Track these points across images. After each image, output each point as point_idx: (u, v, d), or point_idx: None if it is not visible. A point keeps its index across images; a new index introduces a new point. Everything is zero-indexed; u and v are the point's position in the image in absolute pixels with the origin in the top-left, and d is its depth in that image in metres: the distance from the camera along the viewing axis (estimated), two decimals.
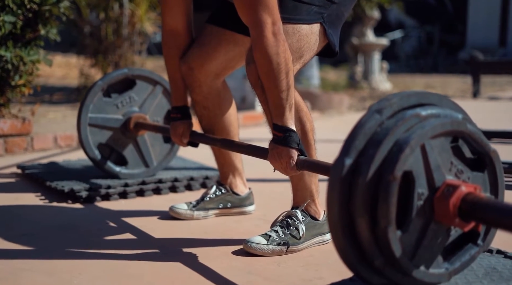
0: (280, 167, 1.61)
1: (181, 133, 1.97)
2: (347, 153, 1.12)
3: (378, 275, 1.15)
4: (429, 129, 1.12)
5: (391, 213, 1.08)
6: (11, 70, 2.84)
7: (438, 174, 1.15)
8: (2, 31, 2.74)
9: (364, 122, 1.13)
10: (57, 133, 3.18)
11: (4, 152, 2.95)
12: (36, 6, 2.90)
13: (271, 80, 1.56)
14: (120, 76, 2.37)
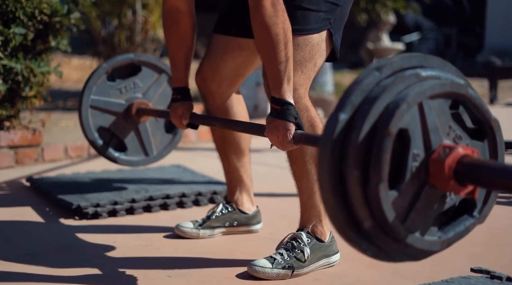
0: (277, 141, 1.58)
1: (181, 115, 1.94)
2: (342, 108, 1.07)
3: (367, 240, 1.10)
4: (428, 88, 1.08)
5: (383, 170, 1.03)
6: (21, 82, 2.85)
7: (435, 136, 1.10)
8: (12, 43, 2.75)
9: (362, 78, 1.09)
10: (67, 144, 3.19)
11: (15, 163, 2.96)
12: (47, 17, 2.90)
13: (269, 51, 1.54)
14: (125, 61, 2.34)
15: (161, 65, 2.40)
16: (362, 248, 1.11)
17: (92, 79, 2.28)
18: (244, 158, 2.05)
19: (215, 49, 1.93)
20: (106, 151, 2.32)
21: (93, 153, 3.30)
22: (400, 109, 1.05)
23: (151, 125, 2.40)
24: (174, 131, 2.46)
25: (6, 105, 2.87)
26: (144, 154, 2.40)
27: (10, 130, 2.93)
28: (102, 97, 2.30)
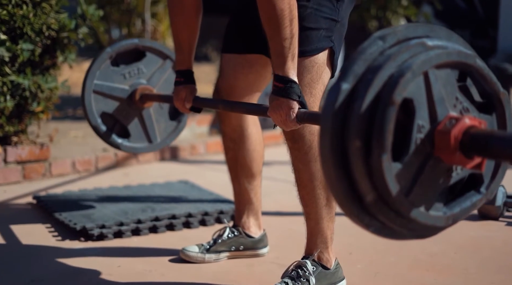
0: (280, 120, 1.56)
1: (184, 98, 1.92)
2: (344, 77, 1.04)
3: (370, 215, 1.07)
4: (434, 56, 1.04)
5: (386, 140, 1.00)
6: (29, 98, 2.84)
7: (441, 107, 1.07)
8: (20, 58, 2.75)
9: (365, 47, 1.05)
10: (75, 158, 3.18)
11: (22, 178, 2.95)
12: (55, 33, 2.90)
13: (274, 27, 1.52)
14: (130, 46, 2.31)
15: (166, 51, 2.37)
16: (365, 223, 1.07)
17: (95, 64, 2.25)
18: (255, 181, 2.03)
19: (226, 69, 1.93)
20: (109, 137, 2.28)
21: (101, 166, 3.30)
22: (404, 78, 1.01)
23: (155, 112, 2.36)
24: (179, 118, 2.42)
25: (14, 121, 2.87)
26: (148, 140, 2.36)
27: (18, 146, 2.93)
28: (105, 83, 2.27)
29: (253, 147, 2.00)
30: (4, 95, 2.75)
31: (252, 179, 2.02)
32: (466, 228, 2.38)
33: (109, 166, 3.33)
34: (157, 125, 2.37)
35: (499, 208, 2.44)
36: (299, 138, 1.70)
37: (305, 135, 1.71)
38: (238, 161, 2.00)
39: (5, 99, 2.75)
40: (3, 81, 2.72)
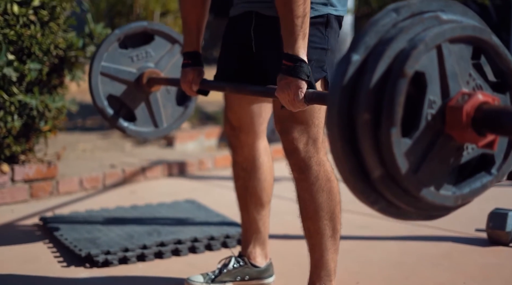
0: (287, 99, 1.54)
1: (191, 80, 1.90)
2: (355, 49, 1.01)
3: (376, 193, 1.04)
4: (448, 29, 1.01)
5: (396, 114, 0.97)
6: (36, 117, 2.84)
7: (454, 82, 1.03)
8: (28, 78, 2.75)
9: (378, 19, 1.02)
10: (82, 176, 3.18)
11: (29, 197, 2.95)
12: (62, 52, 2.90)
13: (288, 4, 1.50)
14: (138, 28, 2.29)
15: (175, 35, 2.34)
16: (370, 201, 1.04)
17: (103, 45, 2.23)
18: (264, 210, 2.02)
19: (230, 100, 1.92)
20: (115, 120, 2.25)
21: (108, 183, 3.29)
22: (417, 50, 0.98)
23: (162, 96, 2.33)
24: (186, 104, 2.39)
25: (21, 140, 2.87)
26: (154, 125, 2.33)
27: (25, 164, 2.93)
28: (113, 65, 2.24)
29: (264, 177, 1.98)
30: (12, 115, 2.75)
31: (261, 208, 2.01)
32: (476, 254, 2.34)
33: (116, 182, 3.33)
34: (164, 110, 2.34)
35: (509, 234, 2.41)
36: (306, 169, 1.69)
37: (312, 166, 1.69)
38: (248, 190, 1.99)
39: (13, 119, 2.75)
40: (10, 101, 2.72)
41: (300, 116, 1.67)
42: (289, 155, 1.71)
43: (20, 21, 2.70)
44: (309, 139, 1.68)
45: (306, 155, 1.69)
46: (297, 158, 1.69)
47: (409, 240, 2.52)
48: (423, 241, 2.50)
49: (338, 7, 1.69)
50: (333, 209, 1.73)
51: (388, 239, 2.54)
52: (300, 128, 1.67)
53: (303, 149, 1.68)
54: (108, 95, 2.25)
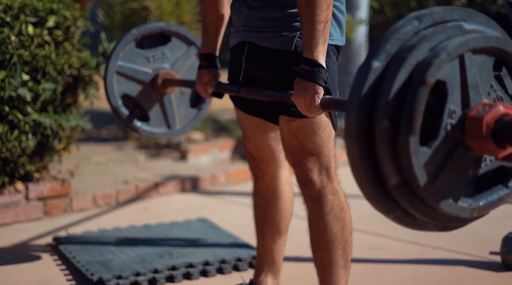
0: (303, 104, 1.52)
1: (207, 82, 1.91)
2: (375, 55, 1.01)
3: (392, 201, 1.03)
4: (472, 39, 1.01)
5: (415, 122, 0.97)
6: (50, 136, 2.87)
7: (475, 93, 1.03)
8: (42, 97, 2.77)
9: (400, 27, 1.03)
10: (96, 193, 3.20)
11: (43, 215, 2.98)
12: (76, 71, 2.92)
13: (311, 7, 1.50)
14: (156, 29, 2.30)
15: (192, 37, 2.35)
16: (386, 209, 1.04)
17: (120, 44, 2.24)
18: (281, 239, 2.02)
19: (247, 129, 1.92)
20: (128, 119, 2.26)
21: (122, 199, 3.31)
22: (439, 58, 0.98)
23: (176, 98, 2.34)
24: (199, 106, 2.40)
25: (35, 159, 2.90)
26: (167, 126, 2.34)
27: (39, 182, 2.96)
28: (129, 64, 2.25)
29: (283, 206, 1.98)
30: (26, 134, 2.77)
31: (278, 237, 2.01)
32: (489, 280, 2.32)
33: (129, 198, 3.35)
34: (178, 111, 2.35)
35: None
36: (321, 199, 1.69)
37: (327, 195, 1.69)
38: (266, 219, 1.99)
39: (27, 138, 2.77)
40: (25, 121, 2.74)
41: (310, 148, 1.67)
42: (304, 186, 1.71)
43: (34, 41, 2.73)
44: (322, 169, 1.69)
45: (320, 184, 1.69)
46: (312, 189, 1.69)
47: (422, 264, 2.50)
48: (436, 265, 2.48)
49: (334, 36, 1.69)
50: (346, 239, 1.73)
51: (400, 263, 2.52)
52: (312, 159, 1.67)
53: (317, 179, 1.68)
54: (122, 95, 2.26)
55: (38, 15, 2.75)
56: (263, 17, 1.69)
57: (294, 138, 1.67)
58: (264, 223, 1.99)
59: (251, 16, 1.71)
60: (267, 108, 1.73)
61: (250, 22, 1.72)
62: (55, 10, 2.79)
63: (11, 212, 2.85)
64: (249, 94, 1.77)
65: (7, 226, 2.84)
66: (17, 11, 2.68)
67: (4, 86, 2.64)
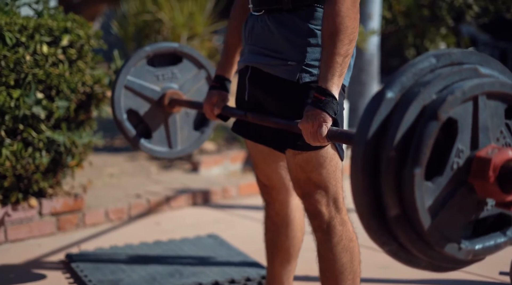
0: (310, 130, 1.53)
1: (215, 103, 1.93)
2: (390, 86, 1.03)
3: (388, 233, 1.05)
4: (488, 82, 1.03)
5: (423, 155, 0.98)
6: (63, 153, 2.91)
7: (485, 136, 1.05)
8: (56, 115, 2.81)
9: (417, 62, 1.05)
10: (108, 208, 3.24)
11: (56, 230, 3.02)
12: (89, 88, 2.96)
13: (334, 40, 1.52)
14: (168, 49, 2.32)
15: (203, 60, 2.37)
16: (382, 241, 1.05)
17: (132, 60, 2.27)
18: (291, 265, 2.04)
19: (256, 157, 1.94)
20: (131, 134, 2.28)
21: (134, 214, 3.35)
22: (454, 96, 1.00)
23: (180, 118, 2.36)
24: (202, 129, 2.42)
25: (49, 176, 2.94)
26: (168, 146, 2.36)
27: (53, 198, 3.00)
28: (138, 80, 2.28)
29: (293, 233, 2.00)
30: (40, 151, 2.82)
31: (287, 263, 2.03)
32: None
33: (141, 213, 3.38)
34: (181, 132, 2.37)
35: None
36: (330, 230, 1.70)
37: (336, 226, 1.71)
38: (277, 245, 2.01)
39: (41, 155, 2.82)
40: (39, 138, 2.79)
41: (318, 180, 1.68)
42: (313, 218, 1.72)
43: (49, 60, 2.77)
44: (330, 201, 1.70)
45: (329, 216, 1.70)
46: (321, 220, 1.71)
47: (431, 284, 2.50)
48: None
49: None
50: (355, 269, 1.74)
51: (409, 282, 2.52)
52: (320, 191, 1.69)
53: (325, 211, 1.70)
54: (128, 109, 2.28)
55: (53, 34, 2.80)
56: (272, 39, 1.69)
57: (301, 171, 1.69)
58: (274, 249, 2.01)
59: (262, 35, 1.71)
60: (274, 138, 1.75)
61: (259, 41, 1.72)
62: (69, 29, 2.83)
63: (24, 228, 2.90)
64: (255, 120, 1.78)
65: (21, 241, 2.89)
66: (32, 31, 2.73)
67: (19, 105, 2.69)
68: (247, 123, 1.83)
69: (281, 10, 1.66)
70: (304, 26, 1.63)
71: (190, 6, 4.80)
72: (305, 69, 1.64)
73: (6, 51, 2.64)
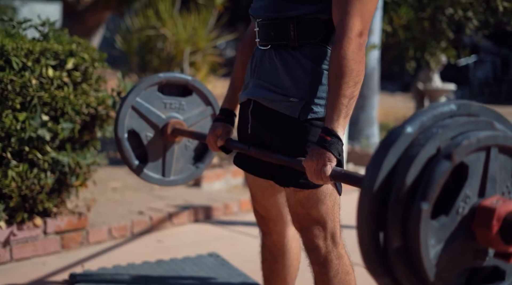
0: (314, 169, 1.56)
1: (219, 135, 1.97)
2: (411, 122, 1.08)
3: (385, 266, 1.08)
4: (502, 136, 1.09)
5: (433, 192, 1.02)
6: (68, 173, 2.97)
7: (491, 187, 1.10)
8: (60, 136, 2.87)
9: (438, 106, 1.11)
10: (111, 225, 3.29)
11: (61, 248, 3.08)
12: (94, 110, 3.02)
13: (339, 82, 1.55)
14: (181, 81, 2.37)
15: (211, 98, 2.42)
16: (377, 272, 1.08)
17: (144, 82, 2.31)
18: None
19: (255, 191, 1.98)
20: (128, 154, 2.31)
21: (136, 231, 3.40)
22: (469, 141, 1.05)
23: (178, 149, 2.40)
24: (197, 164, 2.46)
25: (54, 196, 3.00)
26: (162, 174, 2.39)
27: (57, 217, 3.06)
28: (146, 103, 2.32)
29: (290, 262, 2.05)
30: (45, 172, 2.88)
31: None
32: None
33: (144, 230, 3.44)
34: (176, 163, 2.40)
35: None
36: (327, 264, 1.75)
37: (332, 260, 1.75)
38: (273, 274, 2.06)
39: (46, 176, 2.88)
40: (44, 159, 2.85)
41: (317, 216, 1.73)
42: (310, 251, 1.77)
43: (54, 83, 2.83)
44: (327, 235, 1.75)
45: (326, 250, 1.75)
46: (318, 254, 1.75)
47: None
48: None
49: None
50: None
51: None
52: (318, 226, 1.74)
53: (323, 245, 1.74)
54: (130, 129, 2.32)
55: (58, 57, 2.86)
56: (276, 74, 1.72)
57: (301, 207, 1.73)
58: (271, 278, 2.06)
59: (267, 70, 1.75)
60: (277, 173, 1.78)
61: (263, 75, 1.76)
62: (74, 52, 2.90)
63: (29, 247, 2.96)
64: (259, 155, 1.80)
65: (26, 260, 2.94)
66: (38, 55, 2.79)
67: (24, 128, 2.75)
68: (249, 157, 1.87)
69: (287, 46, 1.70)
70: (308, 64, 1.68)
71: (193, 21, 4.87)
72: (306, 107, 1.68)
73: (13, 76, 2.70)
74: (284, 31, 1.68)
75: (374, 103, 5.57)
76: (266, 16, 1.73)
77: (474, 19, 5.62)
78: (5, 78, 2.68)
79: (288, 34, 1.68)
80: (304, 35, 1.67)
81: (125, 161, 2.35)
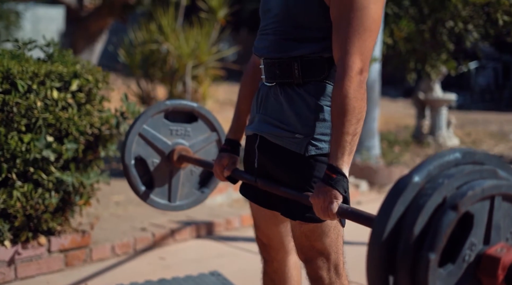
0: (321, 206, 1.59)
1: (225, 166, 2.00)
2: (418, 172, 1.12)
3: None
4: (506, 185, 1.13)
5: (440, 242, 1.06)
6: (72, 193, 3.01)
7: (496, 234, 1.14)
8: (65, 156, 2.92)
9: (444, 155, 1.15)
10: (114, 243, 3.34)
11: (64, 266, 3.12)
12: (97, 130, 3.06)
13: (342, 120, 1.58)
14: (187, 107, 2.41)
15: (217, 124, 2.45)
16: None
17: (151, 110, 2.35)
18: None
19: (259, 220, 2.01)
20: (135, 180, 2.35)
21: (139, 248, 3.44)
22: (474, 192, 1.09)
23: (184, 175, 2.43)
24: (202, 189, 2.49)
25: (58, 215, 3.04)
26: (168, 199, 2.42)
27: (61, 235, 3.10)
28: (152, 130, 2.35)
29: None
30: (49, 192, 2.92)
31: None
32: None
33: (146, 247, 3.48)
34: (181, 189, 2.43)
35: None
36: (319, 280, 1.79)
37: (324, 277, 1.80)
38: None
39: (50, 195, 2.92)
40: (48, 180, 2.89)
41: (321, 248, 1.77)
42: (314, 282, 1.80)
43: (58, 105, 2.88)
44: (331, 267, 1.79)
45: (329, 281, 1.79)
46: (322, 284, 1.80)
47: None
48: None
49: None
50: None
51: None
52: (322, 257, 1.77)
53: (326, 276, 1.78)
54: (137, 156, 2.36)
55: (63, 79, 2.90)
56: (282, 111, 1.75)
57: (306, 239, 1.77)
58: None
59: (272, 106, 1.78)
60: (283, 205, 1.81)
61: (269, 111, 1.79)
62: (78, 74, 2.94)
63: (34, 265, 3.00)
64: (266, 187, 1.83)
65: (30, 278, 2.99)
66: (43, 78, 2.83)
67: (29, 149, 2.80)
68: (255, 187, 1.90)
69: (292, 84, 1.74)
70: (312, 101, 1.71)
71: (195, 35, 4.91)
72: (311, 143, 1.71)
73: (18, 98, 2.75)
74: (289, 70, 1.73)
75: (375, 115, 5.61)
76: (270, 55, 1.77)
77: (474, 32, 5.66)
78: (10, 101, 2.73)
79: (293, 72, 1.72)
80: (308, 73, 1.71)
81: (132, 187, 2.39)
